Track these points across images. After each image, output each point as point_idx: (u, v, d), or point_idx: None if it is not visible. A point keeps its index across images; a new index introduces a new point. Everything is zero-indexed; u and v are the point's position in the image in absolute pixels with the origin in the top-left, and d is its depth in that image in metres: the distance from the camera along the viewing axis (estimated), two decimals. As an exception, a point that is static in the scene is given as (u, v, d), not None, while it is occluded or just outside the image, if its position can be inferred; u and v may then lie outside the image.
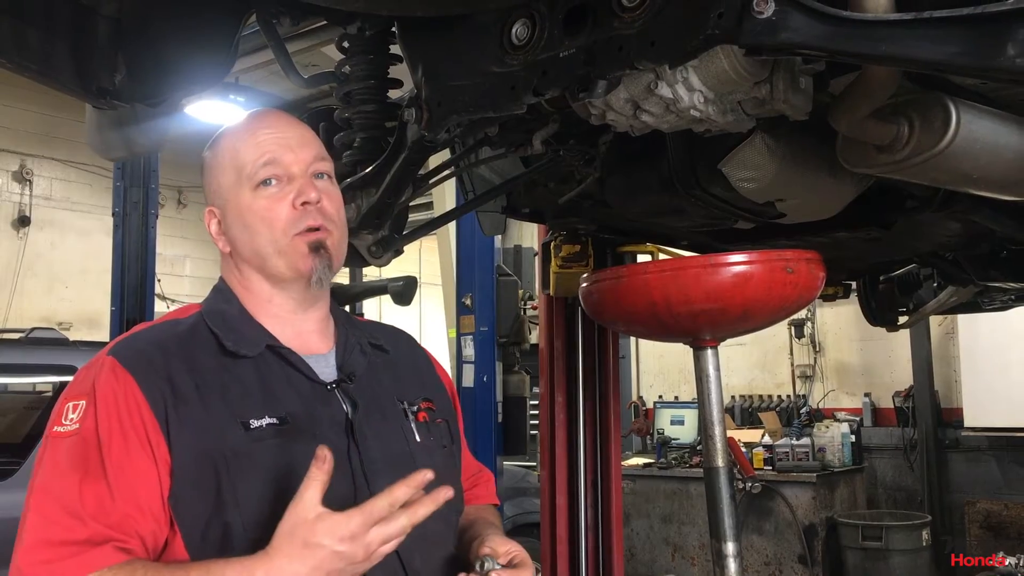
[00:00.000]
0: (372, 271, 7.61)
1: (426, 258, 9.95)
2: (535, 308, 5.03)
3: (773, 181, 1.80)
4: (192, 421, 1.20)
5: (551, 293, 3.21)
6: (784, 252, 1.91)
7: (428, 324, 11.98)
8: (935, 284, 3.42)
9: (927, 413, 7.02)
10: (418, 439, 1.35)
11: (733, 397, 8.03)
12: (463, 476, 1.50)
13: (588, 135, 2.04)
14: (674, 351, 7.92)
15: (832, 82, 1.50)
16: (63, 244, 9.37)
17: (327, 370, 1.34)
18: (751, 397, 8.09)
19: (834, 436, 6.57)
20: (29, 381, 5.19)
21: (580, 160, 2.14)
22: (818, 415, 7.43)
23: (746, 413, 7.99)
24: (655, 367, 8.78)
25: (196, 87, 1.81)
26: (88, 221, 9.42)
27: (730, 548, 1.98)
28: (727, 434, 2.08)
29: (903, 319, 3.61)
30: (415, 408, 1.39)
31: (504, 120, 1.78)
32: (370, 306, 9.22)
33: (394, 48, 1.84)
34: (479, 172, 2.56)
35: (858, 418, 7.40)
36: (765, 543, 6.31)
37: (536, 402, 4.49)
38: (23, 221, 9.08)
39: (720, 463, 2.01)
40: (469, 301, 5.21)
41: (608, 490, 3.30)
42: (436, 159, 2.38)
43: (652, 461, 7.11)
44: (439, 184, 2.49)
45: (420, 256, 10.47)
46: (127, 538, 1.13)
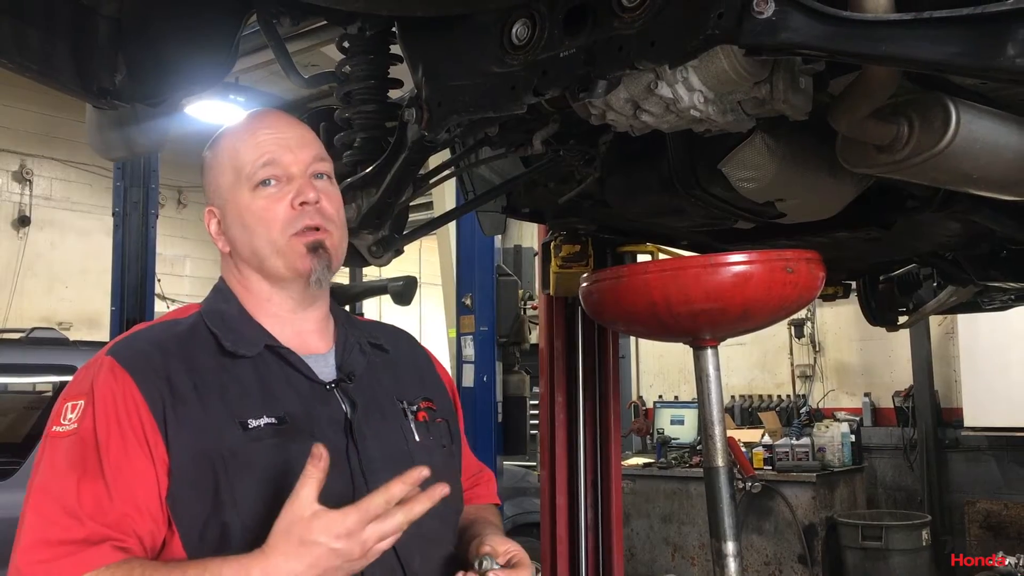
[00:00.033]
0: (372, 271, 7.61)
1: (426, 258, 9.95)
2: (535, 308, 5.03)
3: (773, 181, 1.80)
4: (190, 421, 1.20)
5: (551, 293, 3.21)
6: (784, 252, 1.91)
7: (428, 324, 11.98)
8: (935, 284, 3.43)
9: (927, 413, 7.02)
10: (417, 438, 1.35)
11: (733, 397, 8.03)
12: (464, 476, 1.50)
13: (588, 135, 2.04)
14: (674, 351, 7.91)
15: (832, 82, 1.50)
16: (63, 244, 9.37)
17: (326, 370, 1.34)
18: (751, 397, 8.09)
19: (834, 436, 6.57)
20: (29, 381, 5.20)
21: (580, 160, 2.14)
22: (818, 415, 7.43)
23: (746, 413, 7.98)
24: (655, 367, 8.78)
25: (196, 87, 1.81)
26: (88, 221, 9.42)
27: (730, 548, 1.98)
28: (727, 434, 2.08)
29: (903, 319, 3.61)
30: (414, 408, 1.39)
31: (504, 120, 1.78)
32: (370, 306, 9.22)
33: (394, 48, 1.84)
34: (479, 172, 2.56)
35: (858, 418, 7.39)
36: (765, 543, 6.31)
37: (536, 402, 4.49)
38: (23, 221, 9.08)
39: (720, 463, 2.01)
40: (469, 301, 5.21)
41: (608, 490, 3.30)
42: (436, 159, 2.38)
43: (652, 461, 7.11)
44: (439, 184, 2.49)
45: (420, 256, 10.47)
46: (125, 537, 1.14)
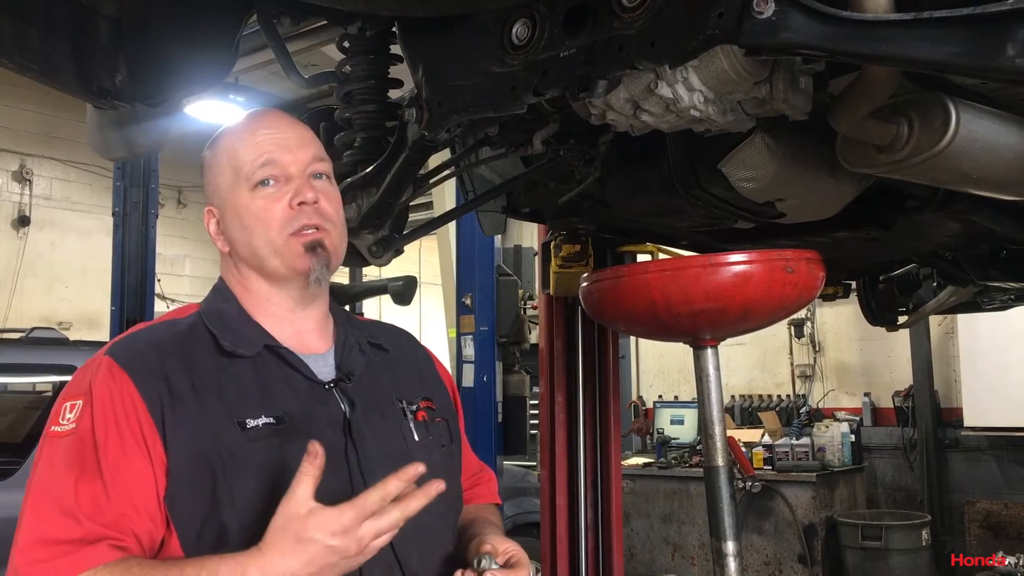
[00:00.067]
0: (372, 271, 7.61)
1: (426, 258, 9.94)
2: (535, 308, 5.03)
3: (773, 181, 1.80)
4: (188, 421, 1.20)
5: (551, 293, 3.21)
6: (784, 252, 1.91)
7: (428, 324, 11.99)
8: (935, 284, 3.43)
9: (927, 413, 7.02)
10: (416, 438, 1.35)
11: (733, 397, 8.03)
12: (465, 475, 1.50)
13: (588, 135, 2.04)
14: (674, 351, 7.92)
15: (832, 82, 1.50)
16: (63, 244, 9.37)
17: (325, 369, 1.34)
18: (751, 397, 8.09)
19: (834, 436, 6.57)
20: (29, 381, 5.20)
21: (580, 160, 2.14)
22: (818, 415, 7.43)
23: (746, 413, 7.98)
24: (655, 367, 8.78)
25: (197, 87, 1.81)
26: (88, 221, 9.41)
27: (730, 547, 1.98)
28: (727, 433, 2.08)
29: (903, 319, 3.62)
30: (414, 407, 1.39)
31: (504, 120, 1.78)
32: (370, 306, 9.22)
33: (395, 48, 1.84)
34: (479, 172, 2.56)
35: (858, 418, 7.39)
36: (765, 543, 6.31)
37: (536, 402, 4.49)
38: (23, 221, 9.08)
39: (720, 462, 2.01)
40: (469, 301, 5.21)
41: (608, 490, 3.30)
42: (436, 159, 2.38)
43: (652, 461, 7.11)
44: (439, 184, 2.49)
45: (420, 256, 10.46)
46: (122, 537, 1.14)
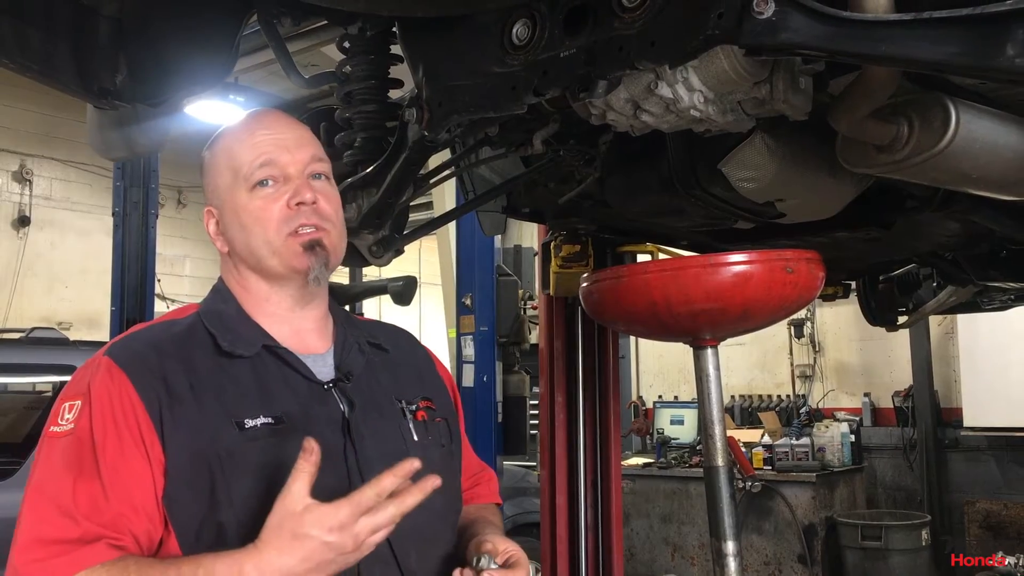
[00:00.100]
0: (372, 271, 7.61)
1: (426, 258, 9.94)
2: (535, 308, 5.03)
3: (773, 181, 1.80)
4: (186, 421, 1.20)
5: (551, 293, 3.21)
6: (784, 252, 1.91)
7: (428, 324, 11.99)
8: (934, 284, 3.43)
9: (927, 413, 7.02)
10: (415, 438, 1.35)
11: (733, 397, 8.03)
12: (465, 475, 1.50)
13: (588, 135, 2.04)
14: (674, 351, 7.92)
15: (832, 82, 1.50)
16: (63, 244, 9.37)
17: (325, 369, 1.34)
18: (751, 397, 8.09)
19: (834, 436, 6.57)
20: (29, 381, 5.20)
21: (580, 160, 2.15)
22: (818, 415, 7.43)
23: (746, 413, 7.99)
24: (655, 367, 8.78)
25: (197, 87, 1.81)
26: (88, 221, 9.42)
27: (730, 547, 1.98)
28: (727, 434, 2.08)
29: (902, 319, 3.62)
30: (413, 407, 1.39)
31: (504, 120, 1.79)
32: (370, 306, 9.23)
33: (395, 48, 1.84)
34: (479, 172, 2.57)
35: (858, 418, 7.40)
36: (765, 543, 6.32)
37: (536, 402, 4.49)
38: (23, 221, 9.08)
39: (720, 462, 2.02)
40: (469, 301, 5.21)
41: (608, 490, 3.30)
42: (436, 159, 2.38)
43: (652, 461, 7.12)
44: (439, 184, 2.49)
45: (420, 256, 10.46)
46: (120, 536, 1.14)
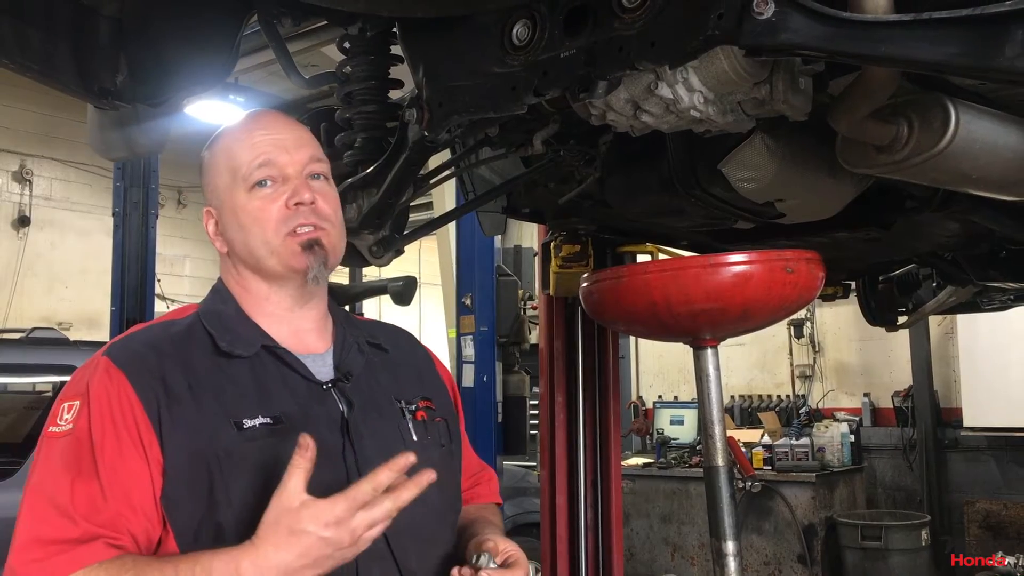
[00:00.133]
0: (372, 271, 7.61)
1: (426, 258, 9.94)
2: (535, 308, 5.03)
3: (773, 181, 1.80)
4: (185, 421, 1.20)
5: (551, 293, 3.21)
6: (784, 252, 1.91)
7: (428, 324, 11.99)
8: (934, 284, 3.43)
9: (926, 413, 7.03)
10: (415, 438, 1.35)
11: (733, 397, 8.03)
12: (465, 475, 1.51)
13: (588, 135, 2.05)
14: (674, 351, 7.92)
15: (832, 83, 1.50)
16: (63, 244, 9.37)
17: (324, 369, 1.34)
18: (751, 397, 8.09)
19: (833, 436, 6.57)
20: (29, 381, 5.20)
21: (580, 160, 2.15)
22: (817, 415, 7.43)
23: (745, 413, 7.99)
24: (655, 367, 8.78)
25: (198, 87, 1.81)
26: (88, 221, 9.42)
27: (730, 547, 1.98)
28: (727, 434, 2.08)
29: (902, 319, 3.62)
30: (413, 407, 1.39)
31: (504, 120, 1.79)
32: (370, 306, 9.23)
33: (395, 49, 1.85)
34: (479, 172, 2.57)
35: (857, 418, 7.40)
36: (765, 543, 6.32)
37: (536, 402, 4.49)
38: (23, 221, 9.08)
39: (720, 462, 2.02)
40: (469, 301, 5.22)
41: (608, 490, 3.30)
42: (436, 159, 2.38)
43: (652, 461, 7.12)
44: (439, 184, 2.49)
45: (420, 256, 10.46)
46: (119, 536, 1.14)
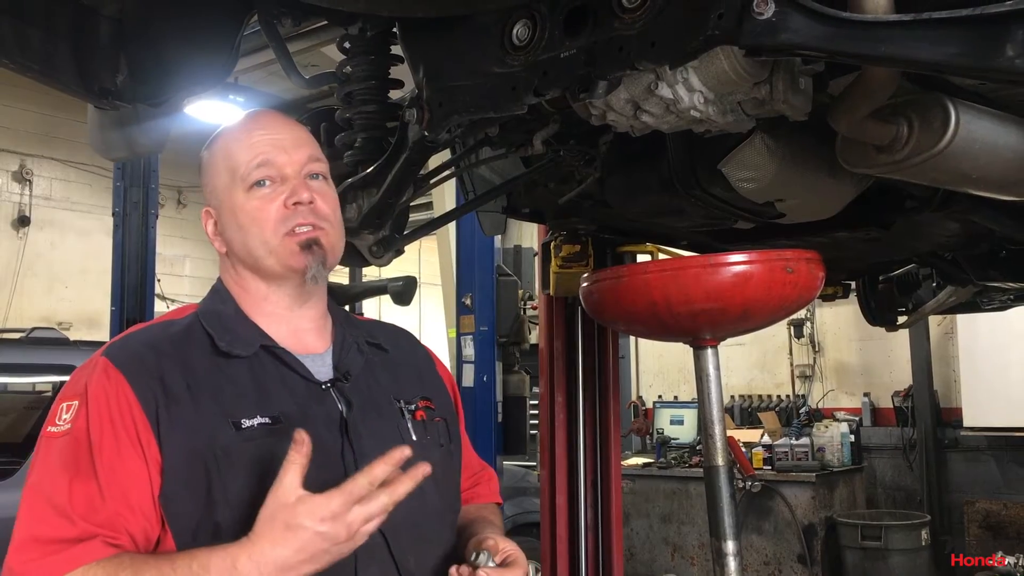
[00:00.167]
0: (372, 271, 7.61)
1: (426, 258, 9.94)
2: (535, 308, 5.03)
3: (773, 181, 1.80)
4: (183, 421, 1.20)
5: (551, 293, 3.21)
6: (784, 252, 1.91)
7: (428, 324, 11.99)
8: (934, 284, 3.43)
9: (926, 413, 7.03)
10: (414, 437, 1.35)
11: (732, 397, 8.03)
12: (465, 474, 1.51)
13: (588, 135, 2.05)
14: (673, 351, 7.92)
15: (831, 83, 1.51)
16: (63, 244, 9.37)
17: (323, 369, 1.34)
18: (750, 397, 8.09)
19: (833, 436, 6.58)
20: (29, 381, 5.20)
21: (580, 160, 2.15)
22: (817, 415, 7.43)
23: (745, 413, 7.99)
24: (655, 367, 8.78)
25: (198, 87, 1.81)
26: (88, 221, 9.42)
27: (730, 547, 1.98)
28: (727, 433, 2.08)
29: (902, 319, 3.62)
30: (412, 407, 1.39)
31: (505, 120, 1.79)
32: (370, 306, 9.23)
33: (395, 49, 1.85)
34: (479, 172, 2.57)
35: (857, 418, 7.40)
36: (764, 543, 6.32)
37: (536, 402, 4.49)
38: (23, 221, 9.08)
39: (720, 462, 2.02)
40: (469, 301, 5.22)
41: (608, 490, 3.30)
42: (436, 159, 2.38)
43: (652, 461, 7.12)
44: (439, 184, 2.49)
45: (420, 256, 10.47)
46: (117, 535, 1.14)
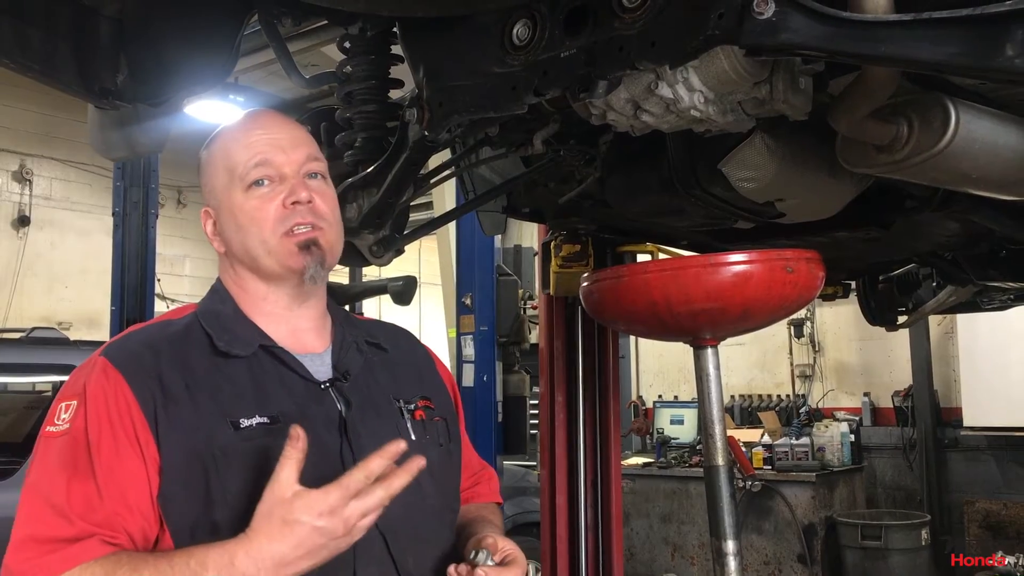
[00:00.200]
0: (372, 271, 7.61)
1: (426, 258, 9.94)
2: (535, 308, 5.03)
3: (773, 181, 1.80)
4: (181, 421, 1.20)
5: (551, 293, 3.20)
6: (784, 252, 1.91)
7: (428, 324, 11.99)
8: (934, 284, 3.43)
9: (926, 413, 7.03)
10: (413, 437, 1.35)
11: (733, 397, 8.03)
12: (466, 474, 1.51)
13: (588, 135, 2.05)
14: (674, 350, 7.92)
15: (832, 82, 1.51)
16: (63, 244, 9.37)
17: (322, 369, 1.34)
18: (751, 397, 8.09)
19: (833, 436, 6.58)
20: (29, 381, 5.20)
21: (580, 160, 2.15)
22: (817, 415, 7.43)
23: (745, 413, 7.99)
24: (655, 366, 8.78)
25: (198, 87, 1.81)
26: (88, 221, 9.42)
27: (730, 546, 1.98)
28: (727, 433, 2.08)
29: (902, 319, 3.62)
30: (412, 406, 1.39)
31: (505, 120, 1.79)
32: (370, 306, 9.23)
33: (395, 48, 1.85)
34: (479, 172, 2.57)
35: (857, 418, 7.40)
36: (765, 542, 6.32)
37: (536, 402, 4.49)
38: (23, 221, 9.08)
39: (720, 461, 2.02)
40: (469, 301, 5.22)
41: (608, 490, 3.30)
42: (437, 159, 2.38)
43: (652, 461, 7.12)
44: (439, 184, 2.49)
45: (420, 256, 10.47)
46: (115, 534, 1.15)
